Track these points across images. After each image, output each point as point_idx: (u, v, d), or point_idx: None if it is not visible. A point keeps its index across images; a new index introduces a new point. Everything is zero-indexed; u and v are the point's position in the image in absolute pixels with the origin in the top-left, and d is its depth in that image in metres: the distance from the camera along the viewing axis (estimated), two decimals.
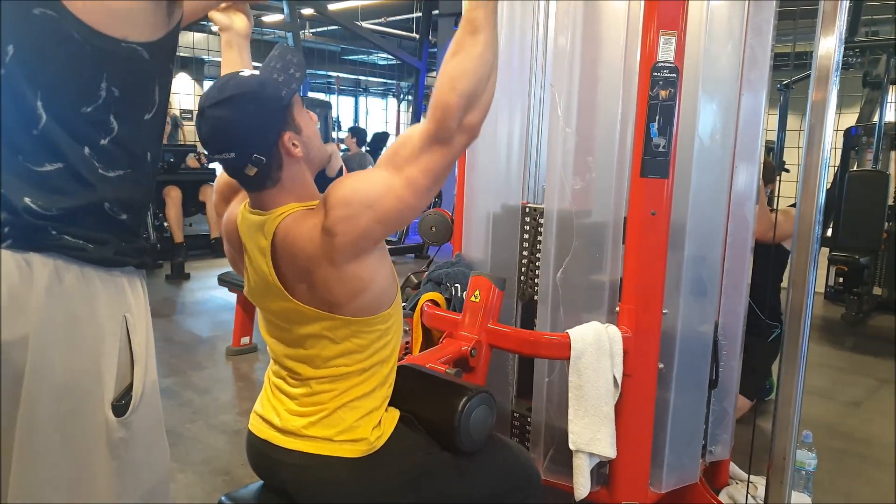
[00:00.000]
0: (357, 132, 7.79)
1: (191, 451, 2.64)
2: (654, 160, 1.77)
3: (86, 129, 0.94)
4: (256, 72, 1.21)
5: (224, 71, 1.50)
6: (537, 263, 2.03)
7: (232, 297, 4.19)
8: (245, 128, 1.16)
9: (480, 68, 1.15)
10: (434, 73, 10.19)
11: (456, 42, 1.17)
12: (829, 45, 1.70)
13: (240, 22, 1.51)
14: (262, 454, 1.34)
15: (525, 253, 2.09)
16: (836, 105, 1.73)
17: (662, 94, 1.77)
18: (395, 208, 1.16)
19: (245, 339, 3.98)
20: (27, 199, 0.91)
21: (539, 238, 2.02)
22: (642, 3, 1.78)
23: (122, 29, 0.93)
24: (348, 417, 1.26)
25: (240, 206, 1.31)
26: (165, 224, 5.94)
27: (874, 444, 2.96)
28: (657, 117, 1.77)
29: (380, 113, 15.84)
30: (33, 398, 0.92)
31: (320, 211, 1.18)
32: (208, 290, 5.34)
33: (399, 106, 13.58)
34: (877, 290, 5.46)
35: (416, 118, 9.34)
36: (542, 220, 2.01)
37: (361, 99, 16.19)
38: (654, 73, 1.75)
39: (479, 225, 2.24)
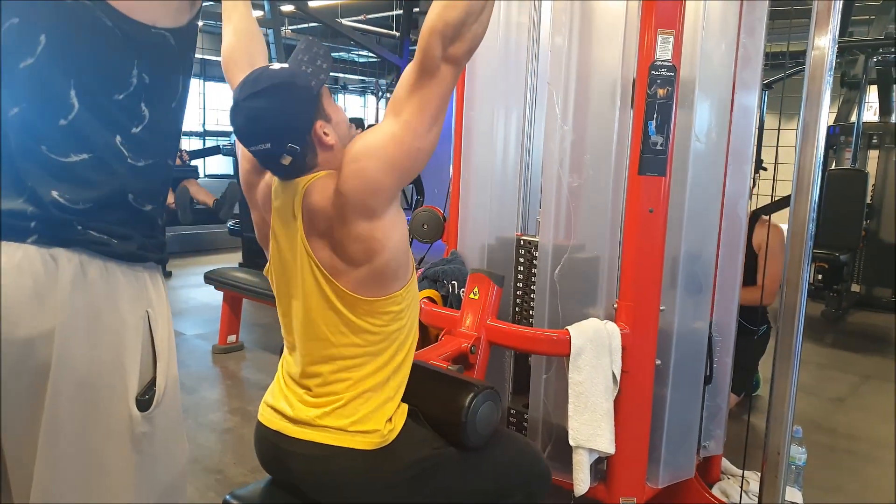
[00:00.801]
0: (359, 123, 7.76)
1: None
2: (652, 158, 1.79)
3: (118, 117, 0.94)
4: (286, 64, 1.24)
5: (227, 14, 1.50)
6: (532, 295, 2.04)
7: (216, 296, 4.15)
8: (279, 118, 1.19)
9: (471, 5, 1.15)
10: None
11: None
12: (822, 45, 1.73)
13: None
14: (272, 445, 1.33)
15: (520, 284, 2.11)
16: (829, 104, 1.76)
17: (660, 92, 1.78)
18: (399, 153, 1.19)
19: (231, 338, 3.95)
20: (55, 193, 0.91)
21: (534, 271, 2.03)
22: (640, 2, 1.79)
23: (152, 14, 0.94)
24: (362, 408, 1.26)
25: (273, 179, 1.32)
26: None
27: (860, 439, 3.02)
28: (655, 115, 1.78)
29: (358, 110, 15.86)
30: (58, 392, 0.92)
31: (337, 174, 1.21)
32: (191, 289, 5.29)
33: (378, 104, 13.53)
34: (855, 287, 5.56)
35: None
36: (536, 254, 2.03)
37: (340, 96, 16.14)
38: (653, 72, 1.76)
39: (472, 251, 2.24)
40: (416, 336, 1.36)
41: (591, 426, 1.78)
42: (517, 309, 2.15)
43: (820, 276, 5.37)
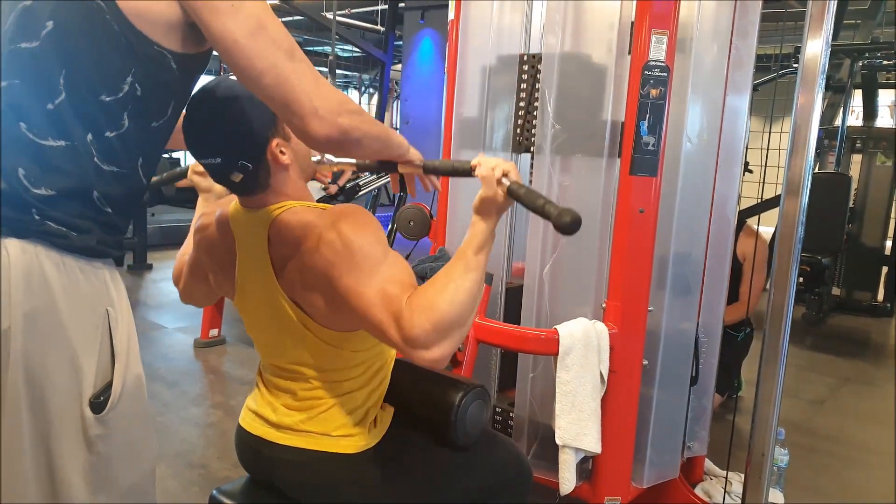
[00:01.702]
0: None
1: (164, 445, 2.58)
2: (643, 158, 1.78)
3: (97, 117, 0.92)
4: None
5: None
6: (535, 114, 2.01)
7: None
8: (233, 132, 1.13)
9: (467, 304, 1.08)
10: (398, 66, 10.18)
11: (448, 271, 1.10)
12: (815, 48, 1.73)
13: (219, 186, 1.49)
14: (255, 452, 1.30)
15: (522, 104, 2.07)
16: (821, 107, 1.77)
17: (653, 92, 1.77)
18: (352, 301, 1.09)
19: (213, 332, 3.91)
20: (21, 172, 0.88)
21: (537, 86, 2.00)
22: (634, 2, 1.78)
23: (158, 33, 0.92)
24: (346, 411, 1.24)
25: (228, 205, 1.28)
26: None
27: (840, 441, 3.05)
28: (647, 116, 1.77)
29: None
30: (14, 393, 0.89)
31: (326, 220, 1.13)
32: (171, 281, 5.22)
33: (360, 98, 13.48)
34: (836, 291, 5.63)
35: (381, 110, 9.27)
36: (540, 67, 1.99)
37: None
38: (646, 72, 1.76)
39: (464, 215, 2.22)
40: None
41: (577, 425, 1.77)
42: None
43: (801, 279, 5.43)
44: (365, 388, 1.27)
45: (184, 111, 1.11)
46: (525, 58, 2.06)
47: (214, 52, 0.99)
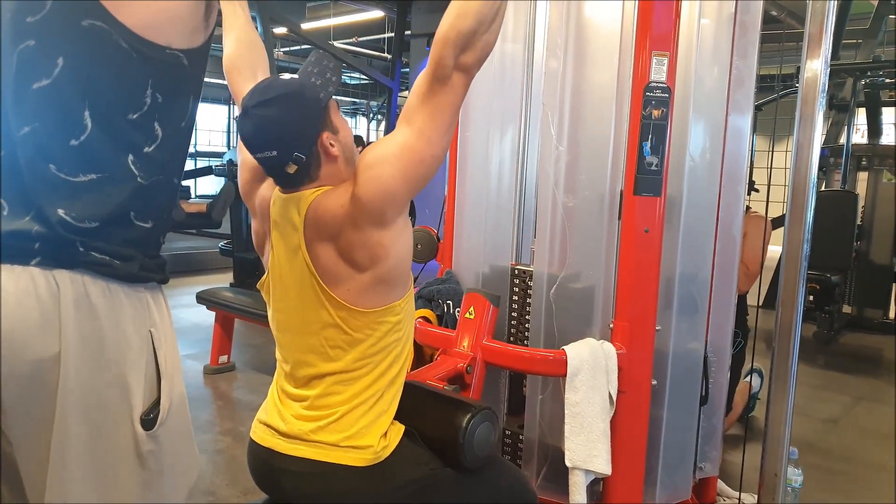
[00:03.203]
0: (358, 141, 7.79)
1: None
2: (647, 178, 1.80)
3: (133, 136, 0.95)
4: (295, 75, 1.25)
5: (227, 24, 1.52)
6: (527, 325, 2.04)
7: (206, 316, 4.12)
8: (287, 127, 1.20)
9: (483, 8, 1.17)
10: (405, 93, 10.28)
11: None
12: (814, 68, 1.75)
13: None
14: (264, 463, 1.31)
15: (515, 307, 2.10)
16: (825, 126, 1.78)
17: (655, 113, 1.79)
18: (413, 161, 1.20)
19: (223, 358, 3.92)
20: (61, 211, 0.92)
21: (528, 300, 2.04)
22: (634, 24, 1.81)
23: (167, 36, 0.96)
24: (357, 422, 1.26)
25: (273, 189, 1.32)
26: None
27: (855, 461, 3.01)
28: (650, 136, 1.79)
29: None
30: (65, 413, 0.92)
31: (352, 182, 1.22)
32: (182, 308, 5.24)
33: (369, 125, 13.60)
34: (847, 309, 5.59)
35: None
36: (531, 283, 2.03)
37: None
38: (647, 93, 1.78)
39: (467, 274, 2.25)
40: (410, 350, 1.36)
41: (587, 447, 1.76)
42: (512, 331, 2.14)
43: (811, 298, 5.40)
44: (375, 402, 1.28)
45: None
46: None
47: (212, 53, 1.03)
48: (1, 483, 1.04)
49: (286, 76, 1.25)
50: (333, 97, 1.27)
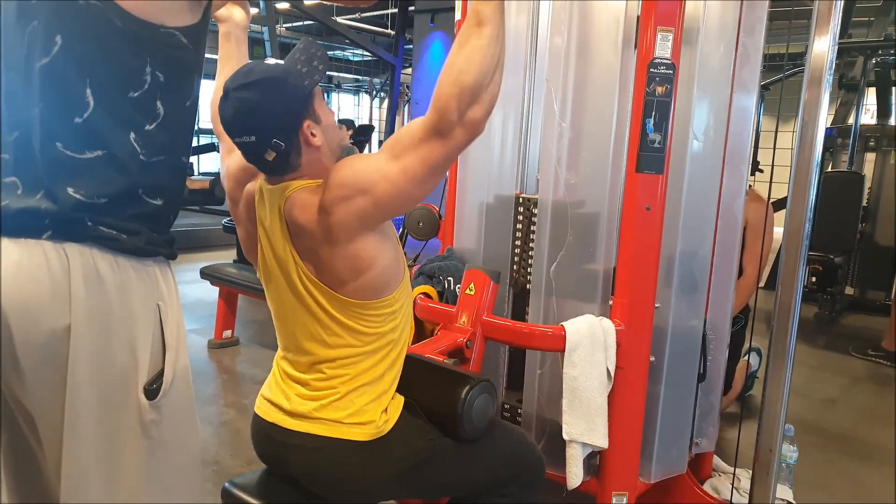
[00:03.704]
0: (350, 124, 7.75)
1: None
2: (649, 156, 1.79)
3: (133, 115, 0.96)
4: (281, 61, 1.24)
5: (221, 64, 1.53)
6: (530, 253, 2.05)
7: (210, 291, 4.15)
8: (268, 112, 1.18)
9: (485, 61, 1.14)
10: (409, 70, 10.22)
11: (462, 34, 1.17)
12: (822, 46, 1.74)
13: (238, 14, 1.56)
14: (269, 438, 1.34)
15: (518, 243, 2.10)
16: (827, 105, 1.77)
17: (659, 90, 1.79)
18: (389, 194, 1.17)
19: (227, 333, 3.95)
20: (70, 189, 0.94)
21: (532, 228, 2.04)
22: (640, 0, 1.80)
23: (159, 15, 0.96)
24: (358, 401, 1.27)
25: (256, 183, 1.32)
26: None
27: (851, 438, 3.04)
28: (653, 113, 1.79)
29: (352, 109, 15.76)
30: (76, 384, 0.95)
31: (319, 191, 1.21)
32: (187, 284, 5.26)
33: (372, 102, 13.53)
34: (849, 290, 5.59)
35: (391, 114, 9.31)
36: (535, 211, 2.02)
37: (334, 95, 16.10)
38: (651, 70, 1.77)
39: (471, 216, 2.25)
40: (410, 332, 1.37)
41: (584, 420, 1.79)
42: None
43: (814, 279, 5.40)
44: (376, 380, 1.30)
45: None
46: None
47: (212, 28, 1.03)
48: (28, 441, 1.08)
49: (271, 61, 1.23)
50: (319, 85, 1.25)
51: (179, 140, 1.03)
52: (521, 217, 2.12)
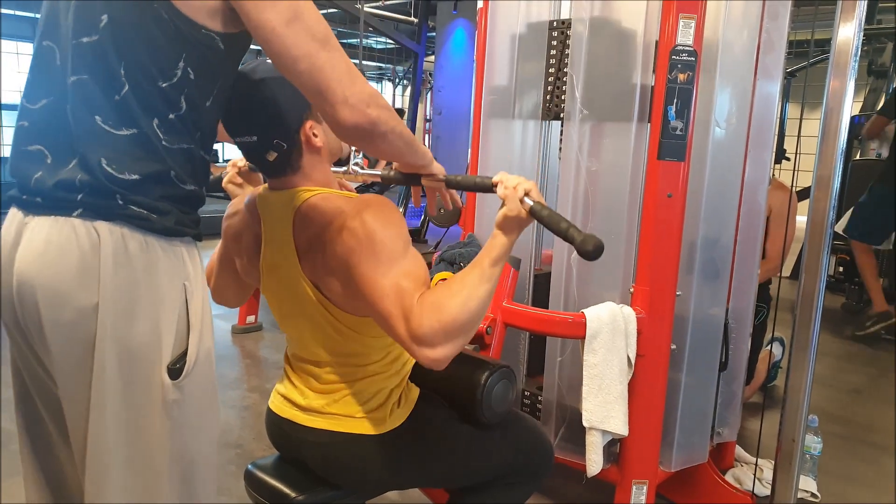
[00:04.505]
0: None
1: None
2: (671, 143, 1.78)
3: (158, 103, 0.97)
4: None
5: None
6: (564, 80, 2.01)
7: None
8: (270, 111, 1.18)
9: (474, 313, 1.11)
10: (431, 58, 10.18)
11: (463, 279, 1.13)
12: (847, 32, 1.71)
13: (249, 189, 1.57)
14: (283, 434, 1.36)
15: (552, 70, 2.07)
16: (853, 93, 1.75)
17: (681, 77, 1.77)
18: (365, 290, 1.12)
19: (251, 318, 4.01)
20: (104, 161, 0.94)
21: (567, 53, 2.00)
22: None
23: (204, 16, 0.97)
24: (368, 395, 1.29)
25: (255, 191, 1.33)
26: None
27: (876, 429, 3.00)
28: (675, 100, 1.77)
29: None
30: (103, 361, 0.96)
31: (352, 209, 1.16)
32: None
33: (395, 90, 13.51)
34: None
35: (414, 102, 9.29)
36: (569, 33, 1.98)
37: None
38: (673, 57, 1.76)
39: (492, 203, 2.25)
40: None
41: (604, 408, 1.79)
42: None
43: (841, 269, 5.31)
44: (386, 372, 1.31)
45: None
46: (554, 24, 2.06)
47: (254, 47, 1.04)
48: (47, 422, 1.11)
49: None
50: None
51: (198, 136, 1.04)
52: (555, 42, 2.06)
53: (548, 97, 2.08)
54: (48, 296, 0.94)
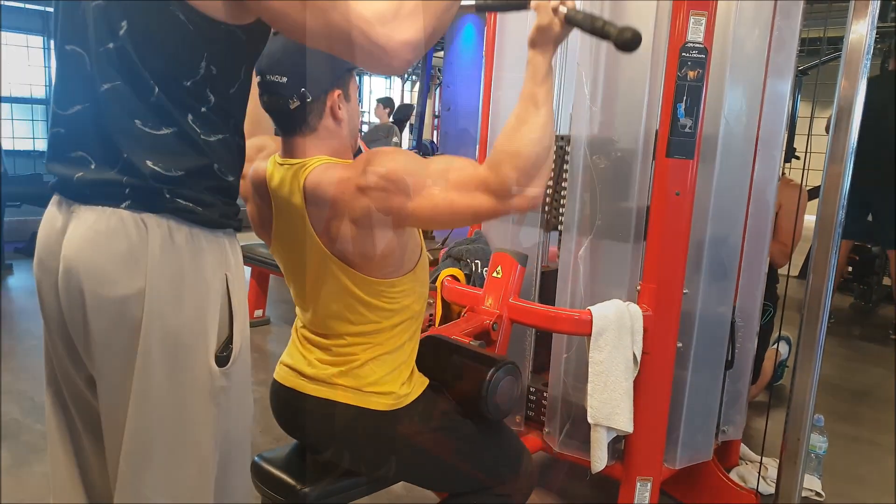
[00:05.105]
0: (388, 102, 7.75)
1: None
2: (680, 140, 1.78)
3: (187, 100, 0.98)
4: None
5: None
6: (563, 193, 2.03)
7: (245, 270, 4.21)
8: (308, 59, 1.20)
9: (544, 140, 1.15)
10: (440, 53, 10.18)
11: (520, 112, 1.16)
12: (860, 30, 1.70)
13: None
14: (286, 403, 1.37)
15: (550, 182, 2.09)
16: (864, 91, 1.74)
17: (691, 74, 1.77)
18: (427, 215, 1.17)
19: (258, 312, 4.02)
20: (149, 162, 0.96)
21: (565, 167, 2.02)
22: None
23: (222, 12, 0.97)
24: (378, 371, 1.30)
25: (266, 161, 1.33)
26: None
27: (884, 430, 2.99)
28: (685, 98, 1.77)
29: (383, 92, 15.77)
30: (148, 347, 0.97)
31: (357, 168, 1.19)
32: None
33: (403, 86, 13.50)
34: (886, 281, 5.46)
35: (422, 97, 9.29)
36: (568, 149, 2.01)
37: (366, 78, 16.10)
38: (683, 54, 1.75)
39: (495, 233, 2.25)
40: (425, 300, 1.38)
41: (609, 405, 1.80)
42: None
43: (850, 269, 5.28)
44: (398, 350, 1.32)
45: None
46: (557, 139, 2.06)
47: None
48: (81, 436, 1.11)
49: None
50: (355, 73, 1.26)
51: (231, 122, 1.05)
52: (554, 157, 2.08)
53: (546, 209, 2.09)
54: (94, 281, 0.96)
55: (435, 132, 11.11)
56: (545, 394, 2.09)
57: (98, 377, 1.01)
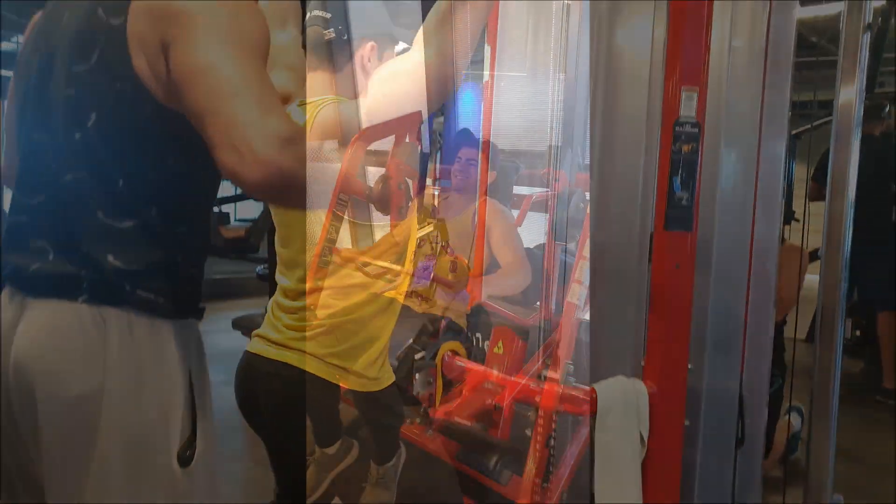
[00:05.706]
0: None
1: None
2: (677, 213, 1.77)
3: (153, 192, 0.98)
4: None
5: None
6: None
7: (242, 342, 4.13)
8: (354, 11, 1.26)
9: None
10: (441, 119, 10.33)
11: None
12: (849, 97, 1.71)
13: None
14: (248, 368, 1.38)
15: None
16: (857, 157, 1.74)
17: (685, 148, 1.77)
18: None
19: None
20: (110, 257, 0.94)
21: None
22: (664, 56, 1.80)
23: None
24: (345, 340, 1.28)
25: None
26: None
27: None
28: (680, 171, 1.77)
29: None
30: (107, 449, 0.93)
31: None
32: (218, 334, 5.28)
33: None
34: None
35: (423, 165, 9.43)
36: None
37: None
38: (677, 128, 1.76)
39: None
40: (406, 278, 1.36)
41: (618, 487, 1.72)
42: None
43: (858, 332, 5.20)
44: (368, 325, 1.32)
45: None
46: None
47: None
48: None
49: None
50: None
51: (198, 212, 1.04)
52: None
53: None
54: (46, 383, 0.92)
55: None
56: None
57: (48, 482, 0.96)
